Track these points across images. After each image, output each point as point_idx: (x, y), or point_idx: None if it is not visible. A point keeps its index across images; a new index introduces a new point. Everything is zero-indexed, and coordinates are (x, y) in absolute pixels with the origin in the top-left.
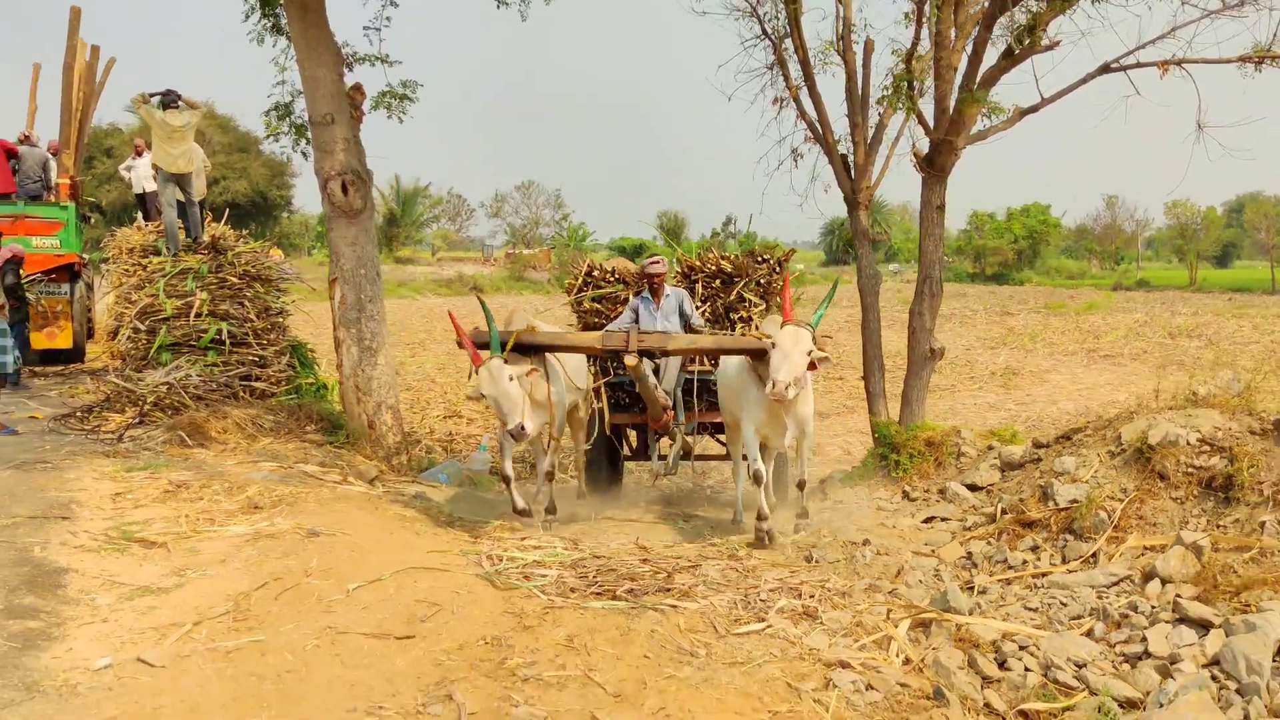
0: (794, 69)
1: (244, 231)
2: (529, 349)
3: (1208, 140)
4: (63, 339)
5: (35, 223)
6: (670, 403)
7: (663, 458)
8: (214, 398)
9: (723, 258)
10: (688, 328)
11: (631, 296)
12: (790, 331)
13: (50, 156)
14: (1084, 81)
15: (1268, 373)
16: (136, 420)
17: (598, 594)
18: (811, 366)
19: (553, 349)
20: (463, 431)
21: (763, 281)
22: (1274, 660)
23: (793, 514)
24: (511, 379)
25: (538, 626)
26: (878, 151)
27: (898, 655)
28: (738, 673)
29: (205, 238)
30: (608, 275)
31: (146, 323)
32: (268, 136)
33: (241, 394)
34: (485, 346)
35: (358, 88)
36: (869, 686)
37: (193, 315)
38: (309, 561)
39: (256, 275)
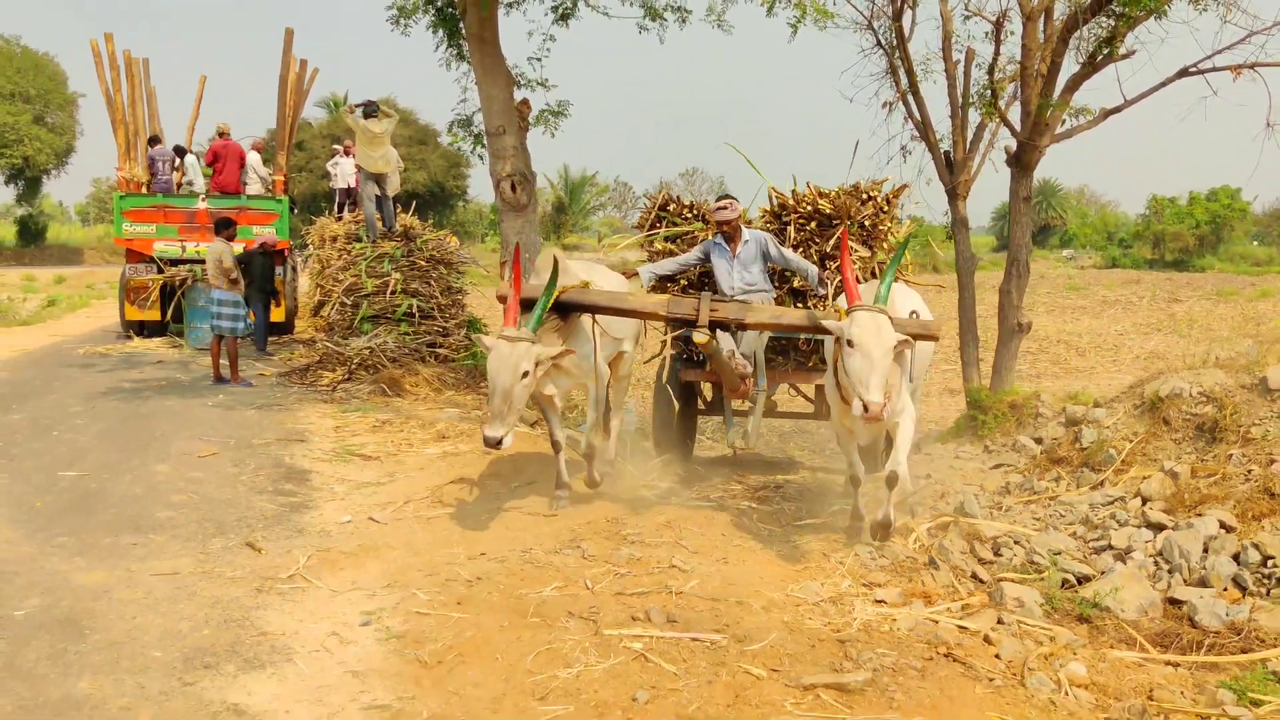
0: (903, 77)
1: (427, 221)
2: (576, 309)
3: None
4: (277, 313)
5: (256, 214)
6: (749, 369)
7: (739, 413)
8: (406, 360)
9: (820, 195)
10: (777, 274)
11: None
12: (865, 322)
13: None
14: (1164, 84)
15: None
16: (345, 377)
17: (694, 498)
18: (928, 336)
19: (606, 311)
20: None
21: (868, 224)
22: (1203, 552)
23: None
24: (525, 375)
25: (645, 513)
26: (977, 149)
27: (914, 542)
28: (788, 546)
29: (398, 227)
30: (685, 210)
31: (351, 298)
32: (451, 144)
33: (428, 358)
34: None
35: (525, 102)
36: (881, 555)
37: (389, 292)
38: (484, 469)
39: (441, 259)
